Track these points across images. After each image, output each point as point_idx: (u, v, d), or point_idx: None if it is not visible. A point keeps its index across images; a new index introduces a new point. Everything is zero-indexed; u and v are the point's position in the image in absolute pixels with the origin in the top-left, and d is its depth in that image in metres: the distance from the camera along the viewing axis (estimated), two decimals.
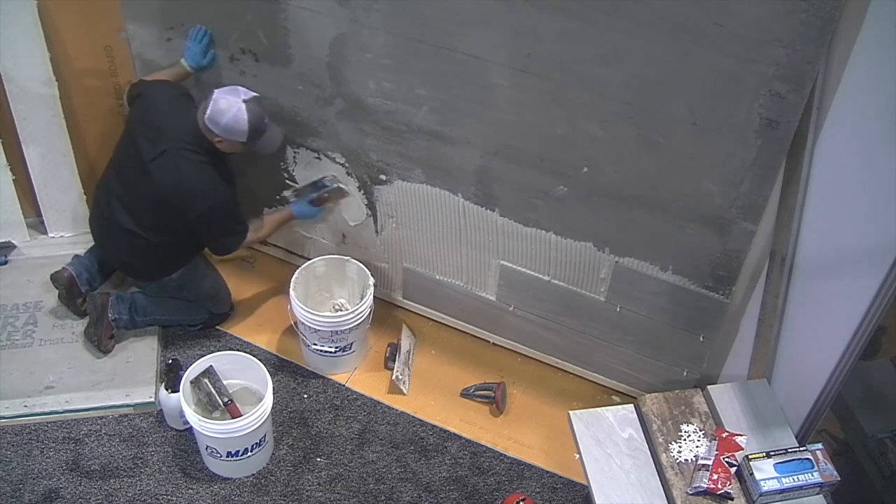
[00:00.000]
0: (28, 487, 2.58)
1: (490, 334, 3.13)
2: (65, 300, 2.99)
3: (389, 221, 2.97)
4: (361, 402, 2.93)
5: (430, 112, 2.58)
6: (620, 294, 2.70)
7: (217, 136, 2.59)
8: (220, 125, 2.56)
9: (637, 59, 2.18)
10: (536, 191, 2.59)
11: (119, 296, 2.93)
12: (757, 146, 2.17)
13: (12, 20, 2.80)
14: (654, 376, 2.85)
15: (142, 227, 2.73)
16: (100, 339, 2.88)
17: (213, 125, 2.57)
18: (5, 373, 2.82)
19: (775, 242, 2.32)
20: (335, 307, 3.12)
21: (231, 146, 2.64)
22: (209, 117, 2.56)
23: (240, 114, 2.54)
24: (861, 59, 1.94)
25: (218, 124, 2.56)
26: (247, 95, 2.58)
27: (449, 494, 2.68)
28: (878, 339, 2.00)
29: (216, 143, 2.61)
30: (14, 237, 3.23)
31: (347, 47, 2.57)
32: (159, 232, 2.74)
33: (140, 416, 2.80)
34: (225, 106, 2.54)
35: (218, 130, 2.57)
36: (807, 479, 2.04)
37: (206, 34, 2.78)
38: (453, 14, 2.33)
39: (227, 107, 2.54)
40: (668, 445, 2.20)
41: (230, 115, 2.54)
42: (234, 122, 2.55)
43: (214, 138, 2.60)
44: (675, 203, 2.39)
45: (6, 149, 3.04)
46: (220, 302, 3.06)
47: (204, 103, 2.59)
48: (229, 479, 2.66)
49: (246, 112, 2.54)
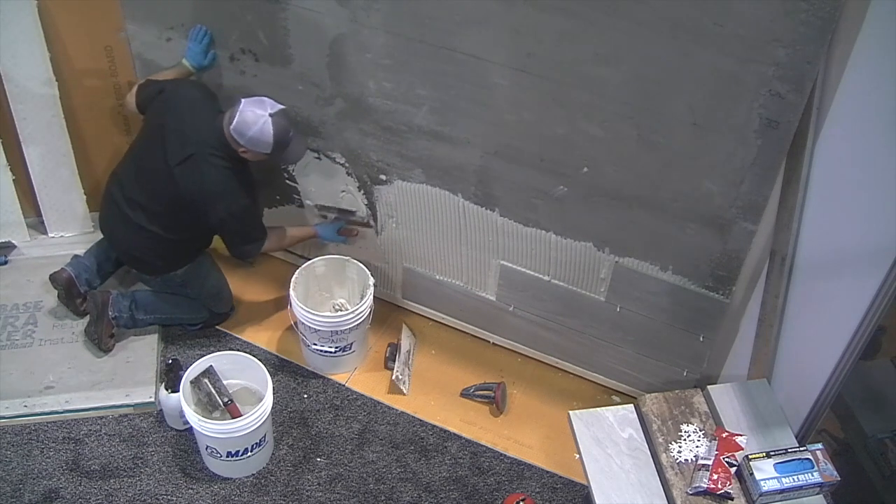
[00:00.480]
0: (28, 487, 2.58)
1: (490, 334, 3.13)
2: (64, 300, 3.00)
3: (389, 221, 2.97)
4: (361, 402, 2.93)
5: (430, 112, 2.58)
6: (620, 294, 2.70)
7: (242, 147, 2.59)
8: (246, 137, 2.56)
9: (637, 59, 2.18)
10: (536, 191, 2.59)
11: (120, 294, 2.93)
12: (757, 146, 2.17)
13: (12, 20, 2.80)
14: (654, 376, 2.85)
15: (155, 223, 2.73)
16: (100, 338, 2.88)
17: (238, 136, 2.57)
18: (5, 373, 2.82)
19: (775, 242, 2.32)
20: (335, 307, 3.12)
21: (255, 156, 2.64)
22: (235, 128, 2.55)
23: (265, 127, 2.54)
24: (861, 59, 1.94)
25: (243, 136, 2.56)
26: (273, 108, 2.57)
27: (449, 494, 2.68)
28: (878, 339, 2.00)
29: (240, 152, 2.62)
30: (14, 237, 3.23)
31: (347, 47, 2.57)
32: (173, 229, 2.75)
33: (140, 416, 2.80)
34: (251, 119, 2.54)
35: (243, 142, 2.57)
36: (807, 479, 2.04)
37: (207, 34, 2.78)
38: (453, 14, 2.33)
39: (253, 120, 2.54)
40: (668, 445, 2.20)
41: (256, 129, 2.54)
42: (260, 135, 2.55)
43: (239, 148, 2.60)
44: (675, 203, 2.39)
45: (6, 149, 3.04)
46: (222, 301, 3.06)
47: (230, 112, 2.59)
48: (229, 479, 2.66)
49: (272, 126, 2.55)
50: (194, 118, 2.66)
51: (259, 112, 2.55)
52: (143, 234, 2.76)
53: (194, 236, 2.84)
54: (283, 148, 2.65)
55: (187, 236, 2.81)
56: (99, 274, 3.04)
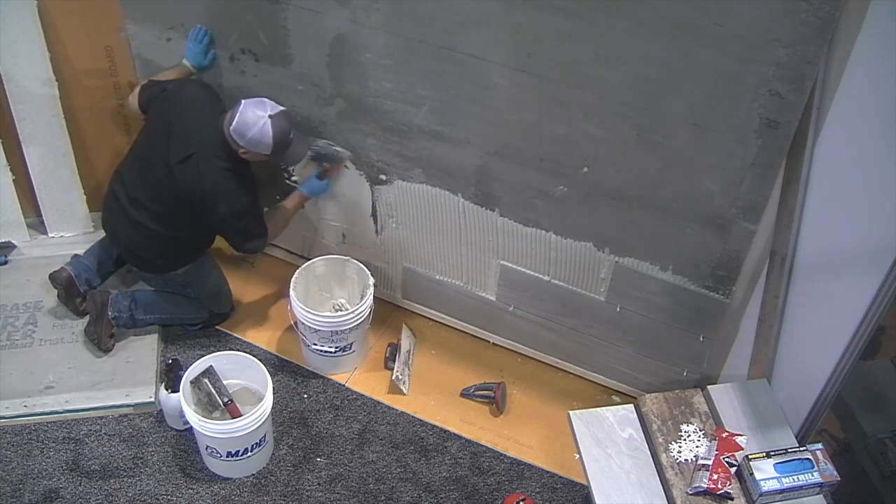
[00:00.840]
0: (28, 487, 2.59)
1: (490, 334, 3.13)
2: (64, 300, 3.00)
3: (389, 221, 2.97)
4: (361, 402, 2.93)
5: (430, 112, 2.58)
6: (620, 294, 2.70)
7: (241, 148, 2.59)
8: (246, 138, 2.56)
9: (637, 59, 2.18)
10: (536, 191, 2.59)
11: (119, 294, 2.93)
12: (757, 146, 2.17)
13: (12, 20, 2.80)
14: (654, 376, 2.85)
15: (157, 221, 2.73)
16: (100, 338, 2.88)
17: (238, 137, 2.57)
18: (5, 373, 2.82)
19: (775, 242, 2.32)
20: (335, 307, 3.12)
21: (255, 157, 2.64)
22: (234, 129, 2.56)
23: (265, 128, 2.54)
24: (861, 59, 1.94)
25: (243, 137, 2.56)
26: (273, 110, 2.57)
27: (449, 494, 2.68)
28: (878, 339, 2.00)
29: (241, 153, 2.62)
30: (14, 237, 3.23)
31: (347, 47, 2.57)
32: (174, 227, 2.75)
33: (140, 416, 2.80)
34: (251, 120, 2.54)
35: (243, 143, 2.57)
36: (807, 479, 2.04)
37: (207, 34, 2.78)
38: (453, 14, 2.33)
39: (253, 121, 2.54)
40: (668, 445, 2.20)
41: (255, 130, 2.54)
42: (260, 137, 2.55)
43: (239, 149, 2.60)
44: (675, 203, 2.39)
45: (6, 149, 3.04)
46: (222, 301, 3.06)
47: (231, 112, 2.59)
48: (229, 479, 2.66)
49: (271, 128, 2.55)
50: (197, 118, 2.67)
51: (259, 113, 2.55)
52: (145, 233, 2.76)
53: (195, 235, 2.85)
54: (284, 149, 2.65)
55: (188, 234, 2.81)
56: (99, 273, 3.04)
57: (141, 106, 2.81)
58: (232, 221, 2.69)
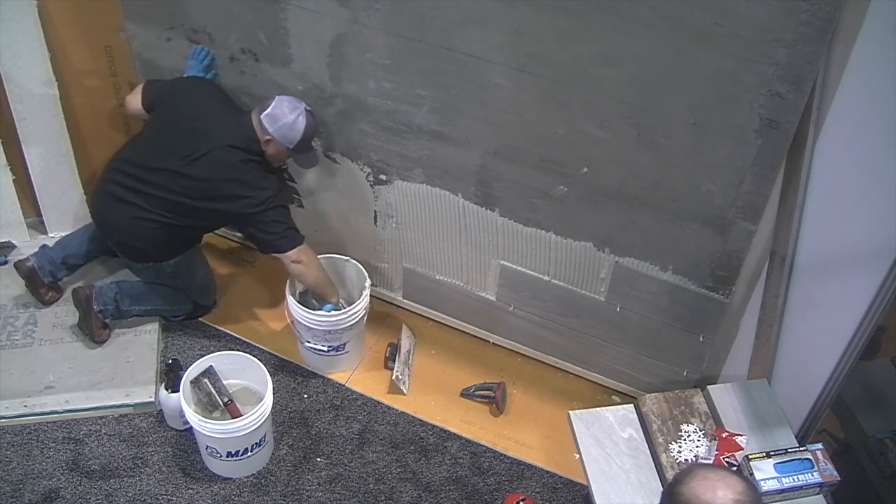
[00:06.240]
0: (28, 487, 2.58)
1: (490, 334, 3.13)
2: (29, 289, 3.03)
3: (389, 221, 2.97)
4: (361, 402, 2.93)
5: (430, 112, 2.58)
6: (620, 294, 2.70)
7: (268, 136, 2.65)
8: (278, 124, 2.63)
9: (637, 59, 2.18)
10: (536, 191, 2.59)
11: (104, 286, 2.93)
12: (757, 146, 2.17)
13: (12, 20, 2.80)
14: (654, 376, 2.85)
15: (157, 212, 2.72)
16: (91, 331, 2.89)
17: (269, 123, 2.63)
18: (5, 373, 2.82)
19: (775, 242, 2.32)
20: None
21: (276, 149, 2.69)
22: (269, 114, 2.63)
23: (299, 118, 2.64)
24: (861, 59, 1.94)
25: (276, 122, 2.63)
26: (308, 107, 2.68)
27: (449, 494, 2.68)
28: (878, 339, 2.00)
29: (264, 142, 2.66)
30: (14, 237, 3.23)
31: (347, 47, 2.57)
32: (186, 216, 2.74)
33: (140, 416, 2.80)
34: (288, 108, 2.64)
35: (272, 129, 2.63)
36: (807, 479, 2.04)
37: (208, 55, 2.82)
38: (453, 14, 2.33)
39: (290, 109, 2.64)
40: (668, 445, 2.21)
41: (291, 118, 2.63)
42: (292, 124, 2.64)
43: (265, 136, 2.65)
44: (675, 203, 2.39)
45: (6, 149, 3.04)
46: (209, 293, 3.09)
47: (263, 104, 2.67)
48: (229, 479, 2.66)
49: (305, 119, 2.64)
50: (215, 110, 2.72)
51: (296, 103, 2.66)
52: (144, 224, 2.74)
53: (201, 226, 2.87)
54: (304, 148, 2.72)
55: (197, 224, 2.84)
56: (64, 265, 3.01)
57: (144, 104, 2.81)
58: (258, 214, 2.67)
